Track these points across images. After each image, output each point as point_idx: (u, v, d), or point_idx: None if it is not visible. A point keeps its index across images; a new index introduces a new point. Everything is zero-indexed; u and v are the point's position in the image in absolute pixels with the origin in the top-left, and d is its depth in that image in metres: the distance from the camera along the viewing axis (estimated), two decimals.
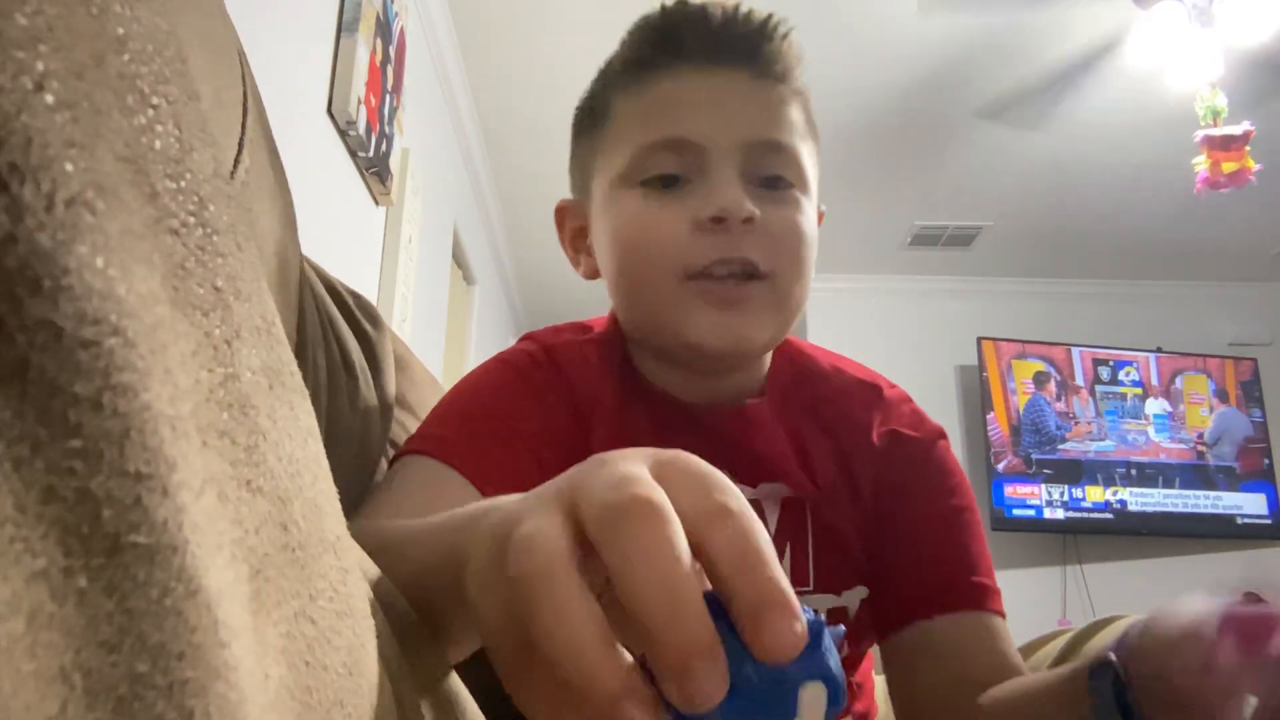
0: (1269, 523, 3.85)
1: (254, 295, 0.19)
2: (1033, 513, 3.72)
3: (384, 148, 1.86)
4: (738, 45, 0.60)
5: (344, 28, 1.66)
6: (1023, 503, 3.72)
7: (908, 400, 0.69)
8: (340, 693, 0.21)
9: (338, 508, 0.23)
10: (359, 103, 1.67)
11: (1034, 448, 3.80)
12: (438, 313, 2.71)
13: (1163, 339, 4.11)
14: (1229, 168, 2.16)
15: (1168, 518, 3.79)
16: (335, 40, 1.64)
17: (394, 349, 0.76)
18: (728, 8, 0.60)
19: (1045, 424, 3.85)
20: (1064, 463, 3.80)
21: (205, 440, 0.16)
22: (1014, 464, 3.77)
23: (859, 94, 2.78)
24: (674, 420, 0.64)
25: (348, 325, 0.68)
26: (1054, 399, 3.89)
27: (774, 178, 0.59)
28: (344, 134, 1.67)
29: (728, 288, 0.57)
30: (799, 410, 0.66)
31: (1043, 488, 3.75)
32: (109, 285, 0.14)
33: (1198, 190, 2.25)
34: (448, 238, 2.80)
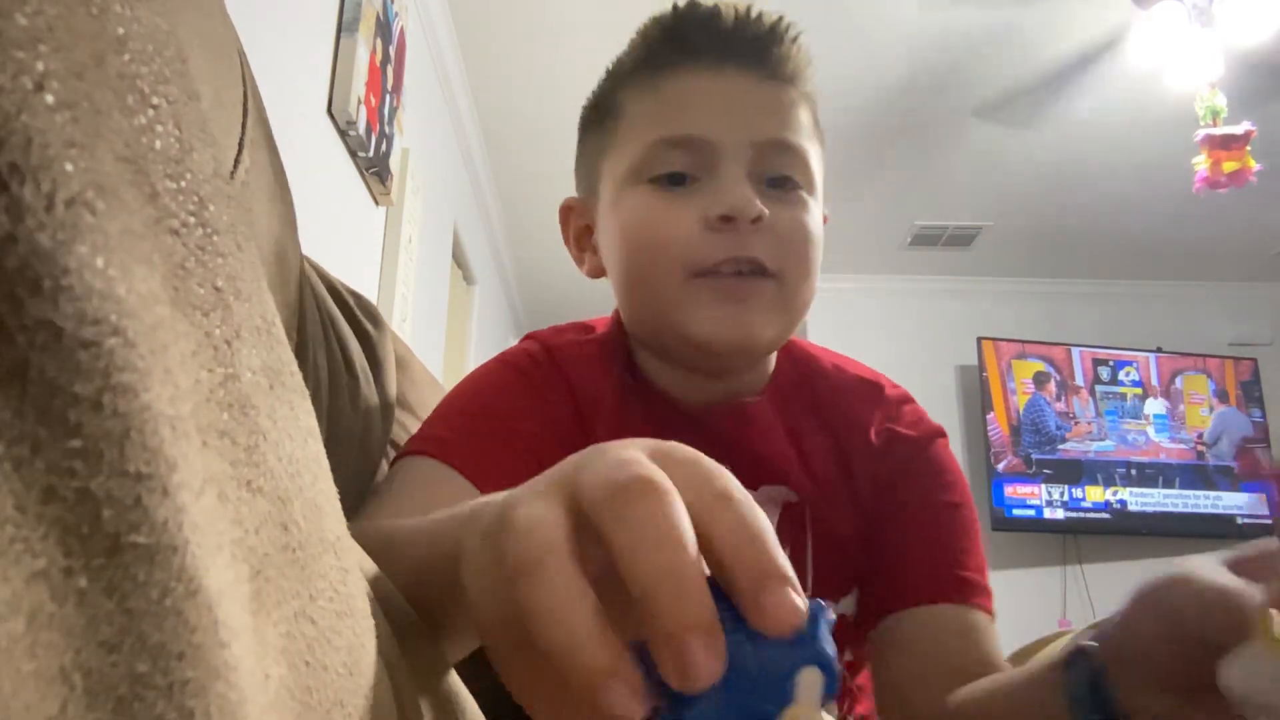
0: (1269, 523, 3.84)
1: (254, 295, 0.19)
2: (1033, 513, 3.72)
3: (384, 148, 1.86)
4: (749, 46, 0.60)
5: (344, 28, 1.66)
6: (1023, 503, 3.72)
7: (909, 400, 0.69)
8: (340, 693, 0.21)
9: (338, 508, 0.23)
10: (359, 103, 1.67)
11: (1034, 448, 3.80)
12: (438, 313, 2.71)
13: (1163, 339, 4.11)
14: (1230, 167, 2.16)
15: (1168, 518, 3.79)
16: (335, 40, 1.64)
17: (394, 349, 0.76)
18: (739, 9, 0.61)
19: (1045, 424, 3.85)
20: (1064, 463, 3.80)
21: (205, 440, 0.16)
22: (1014, 464, 3.77)
23: (860, 92, 2.78)
24: (674, 421, 0.64)
25: (348, 325, 0.68)
26: (1054, 399, 3.89)
27: (782, 178, 0.59)
28: (344, 134, 1.67)
29: (735, 282, 0.57)
30: (800, 409, 0.66)
31: (1043, 488, 3.75)
32: (109, 285, 0.14)
33: (1196, 190, 2.25)
34: (448, 238, 2.80)
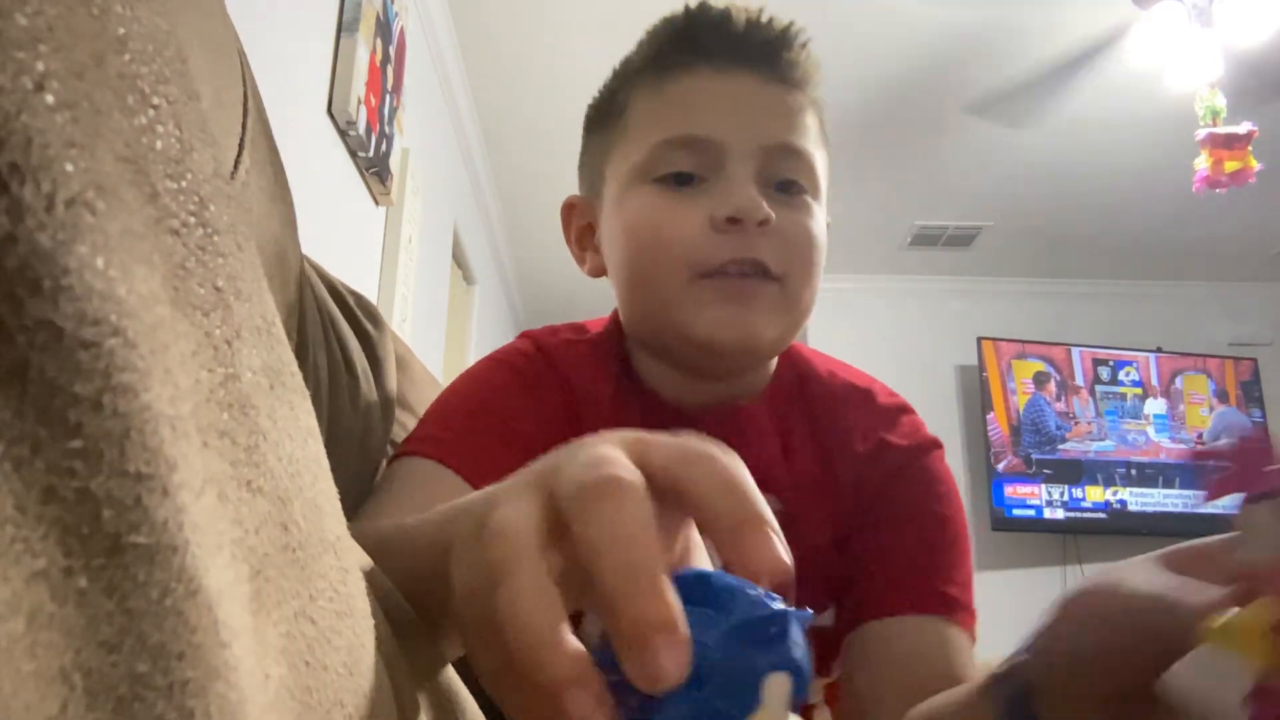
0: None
1: (254, 295, 0.19)
2: (1033, 513, 3.72)
3: (384, 148, 1.86)
4: (759, 50, 0.60)
5: (344, 28, 1.66)
6: (1023, 503, 3.72)
7: (906, 410, 0.67)
8: (340, 693, 0.21)
9: (338, 508, 0.23)
10: (359, 103, 1.67)
11: (1034, 448, 3.80)
12: (438, 313, 2.71)
13: (1163, 339, 4.11)
14: (1231, 167, 2.17)
15: (1168, 518, 3.78)
16: (335, 40, 1.64)
17: (394, 349, 0.76)
18: (751, 12, 0.61)
19: (1045, 424, 3.85)
20: (1064, 463, 3.80)
21: (206, 440, 0.16)
22: (1014, 464, 3.77)
23: (859, 88, 2.78)
24: (669, 422, 0.63)
25: (349, 325, 0.68)
26: (1054, 399, 3.89)
27: (788, 182, 0.59)
28: (344, 134, 1.67)
29: (739, 283, 0.57)
30: (794, 416, 0.66)
31: (1043, 488, 3.75)
32: (109, 285, 0.14)
33: (1196, 190, 2.26)
34: (448, 238, 2.80)
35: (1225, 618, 0.29)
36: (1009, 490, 3.72)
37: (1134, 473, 3.84)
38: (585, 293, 3.40)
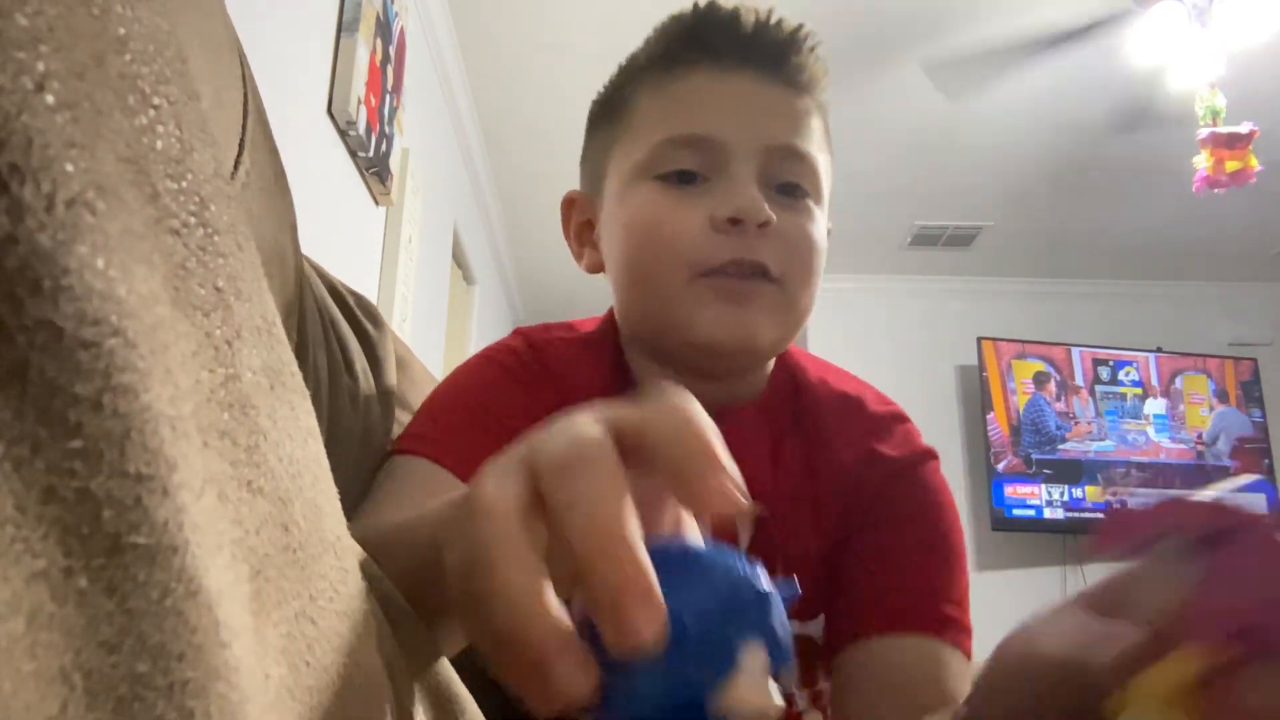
0: None
1: (255, 295, 0.19)
2: (1033, 513, 3.72)
3: (384, 148, 1.86)
4: (767, 51, 0.60)
5: (344, 28, 1.66)
6: (1023, 503, 3.72)
7: (900, 420, 0.66)
8: (340, 693, 0.21)
9: (338, 508, 0.23)
10: (359, 103, 1.67)
11: (1034, 448, 3.81)
12: (438, 313, 2.71)
13: (1163, 339, 4.12)
14: (1233, 166, 2.17)
15: None
16: (335, 40, 1.64)
17: (394, 349, 0.76)
18: (760, 14, 0.60)
19: (1045, 424, 3.85)
20: (1064, 463, 3.81)
21: (206, 441, 0.16)
22: (1014, 464, 3.77)
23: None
24: None
25: (349, 325, 0.68)
26: (1054, 399, 3.89)
27: (791, 185, 0.59)
28: (344, 134, 1.67)
29: (738, 283, 0.57)
30: (785, 422, 0.65)
31: (1043, 488, 3.76)
32: (109, 286, 0.14)
33: (1196, 189, 2.26)
34: (448, 238, 2.80)
35: (1143, 680, 0.27)
36: (1009, 490, 3.72)
37: (1134, 473, 3.84)
38: (585, 292, 3.40)
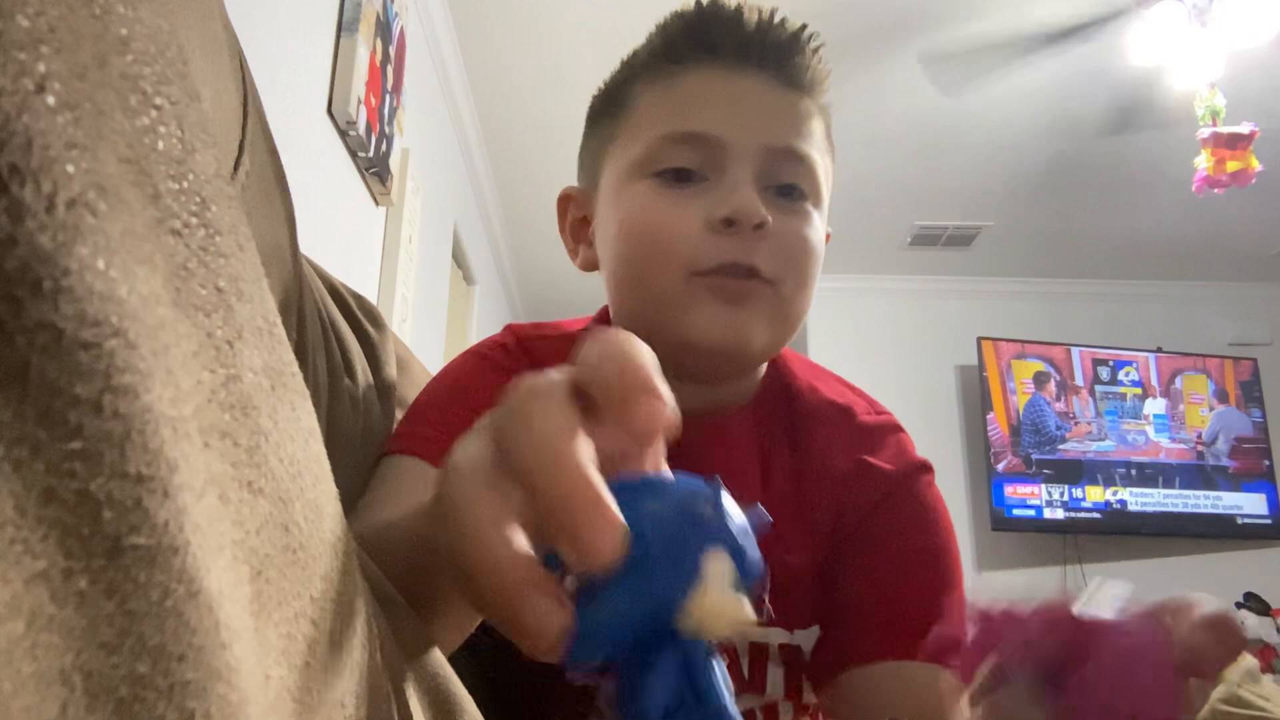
0: (1269, 523, 3.85)
1: (256, 296, 0.19)
2: (1033, 513, 3.72)
3: (384, 148, 1.86)
4: (770, 51, 0.59)
5: (344, 28, 1.66)
6: (1023, 503, 3.72)
7: (892, 430, 0.64)
8: (341, 694, 0.21)
9: (339, 509, 0.23)
10: (359, 103, 1.67)
11: (1034, 448, 3.81)
12: (438, 313, 2.71)
13: (1163, 339, 4.12)
14: (1233, 167, 2.17)
15: (1168, 518, 3.79)
16: (335, 40, 1.64)
17: (395, 350, 0.76)
18: (763, 13, 0.60)
19: (1045, 424, 3.85)
20: (1064, 463, 3.81)
21: (207, 441, 0.16)
22: (1014, 464, 3.77)
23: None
24: None
25: (349, 327, 0.68)
26: (1054, 399, 3.89)
27: (789, 186, 0.58)
28: (344, 134, 1.67)
29: (732, 284, 0.56)
30: (774, 429, 0.64)
31: (1043, 488, 3.76)
32: (110, 287, 0.14)
33: (1196, 189, 2.26)
34: (448, 238, 2.80)
35: None
36: (1009, 490, 3.72)
37: (1134, 473, 3.84)
38: (585, 293, 3.40)
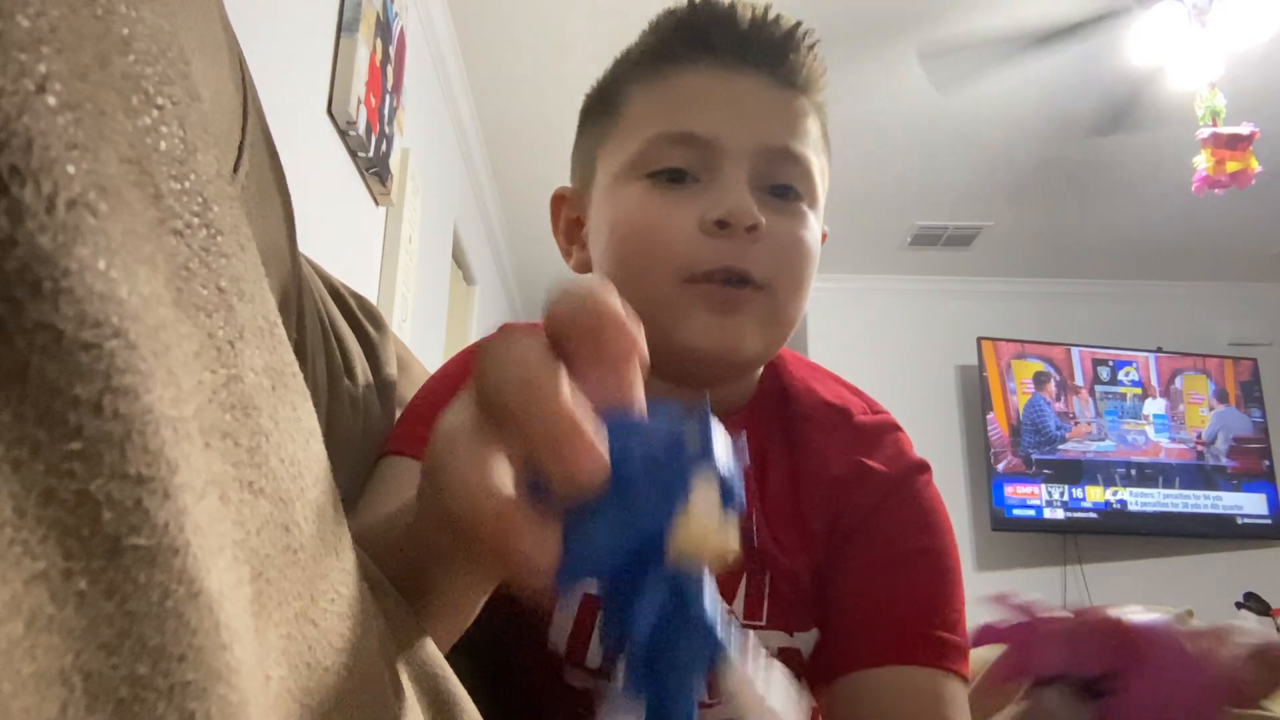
0: (1269, 523, 3.85)
1: (257, 296, 0.19)
2: (1032, 513, 3.72)
3: (384, 148, 1.86)
4: (764, 49, 0.58)
5: (344, 28, 1.66)
6: (1022, 503, 3.72)
7: (890, 430, 0.64)
8: (341, 694, 0.21)
9: (339, 509, 0.23)
10: (359, 103, 1.67)
11: (1034, 448, 3.80)
12: (438, 313, 2.71)
13: (1163, 339, 4.12)
14: (1233, 167, 2.17)
15: (1168, 518, 3.79)
16: (335, 40, 1.64)
17: (395, 351, 0.76)
18: (758, 11, 0.59)
19: (1045, 424, 3.85)
20: (1064, 463, 3.81)
21: (208, 442, 0.16)
22: (1014, 464, 3.77)
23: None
24: None
25: (349, 327, 0.68)
26: (1054, 399, 3.89)
27: (784, 187, 0.57)
28: (344, 134, 1.67)
29: (725, 292, 0.55)
30: (770, 432, 0.63)
31: (1043, 488, 3.76)
32: (111, 287, 0.14)
33: (1195, 190, 2.26)
34: (448, 238, 2.80)
35: None
36: (1009, 490, 3.72)
37: (1134, 473, 3.84)
38: None
